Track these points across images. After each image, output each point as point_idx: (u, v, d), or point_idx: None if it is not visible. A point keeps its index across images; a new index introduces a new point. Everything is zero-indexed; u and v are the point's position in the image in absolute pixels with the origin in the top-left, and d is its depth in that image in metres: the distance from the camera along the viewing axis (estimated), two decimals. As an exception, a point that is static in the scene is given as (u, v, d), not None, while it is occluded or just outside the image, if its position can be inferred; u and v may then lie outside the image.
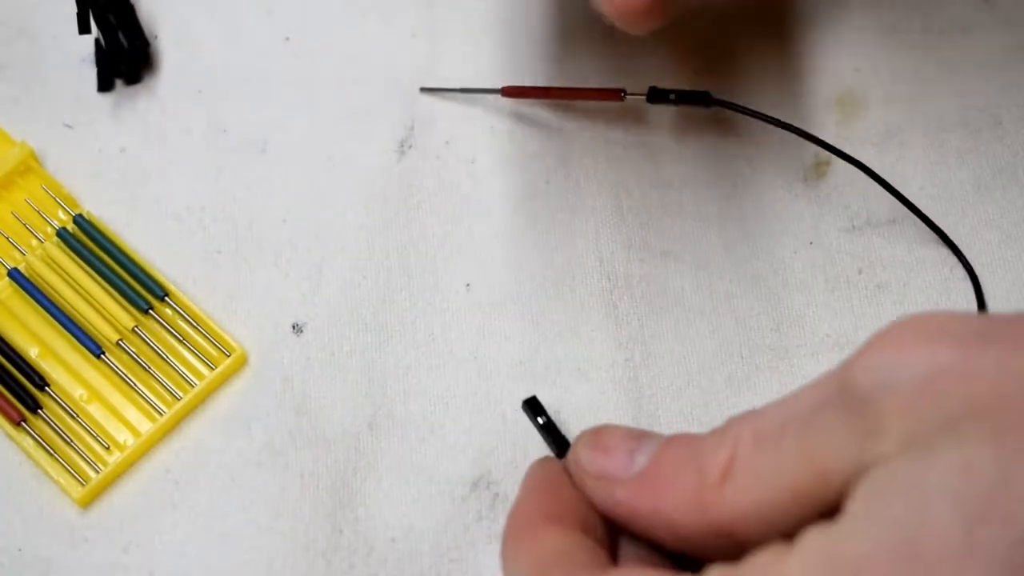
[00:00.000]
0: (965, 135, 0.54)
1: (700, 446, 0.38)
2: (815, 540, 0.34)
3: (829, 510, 0.35)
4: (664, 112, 0.56)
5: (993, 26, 0.57)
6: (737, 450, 0.37)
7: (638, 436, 0.41)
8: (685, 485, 0.38)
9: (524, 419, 0.50)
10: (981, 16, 0.57)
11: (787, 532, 0.36)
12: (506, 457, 0.49)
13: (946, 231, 0.52)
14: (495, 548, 0.48)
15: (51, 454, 0.50)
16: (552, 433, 0.47)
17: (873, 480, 0.33)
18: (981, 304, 0.50)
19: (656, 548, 0.41)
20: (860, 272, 0.52)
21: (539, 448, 0.49)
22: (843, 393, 0.35)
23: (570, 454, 0.42)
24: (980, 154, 0.53)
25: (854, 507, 0.33)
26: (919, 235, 0.52)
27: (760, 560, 0.35)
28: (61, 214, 0.54)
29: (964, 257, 0.51)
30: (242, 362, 0.52)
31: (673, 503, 0.38)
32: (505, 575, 0.40)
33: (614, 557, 0.41)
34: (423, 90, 0.56)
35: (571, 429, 0.49)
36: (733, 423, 0.38)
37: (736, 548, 0.37)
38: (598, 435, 0.42)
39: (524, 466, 0.49)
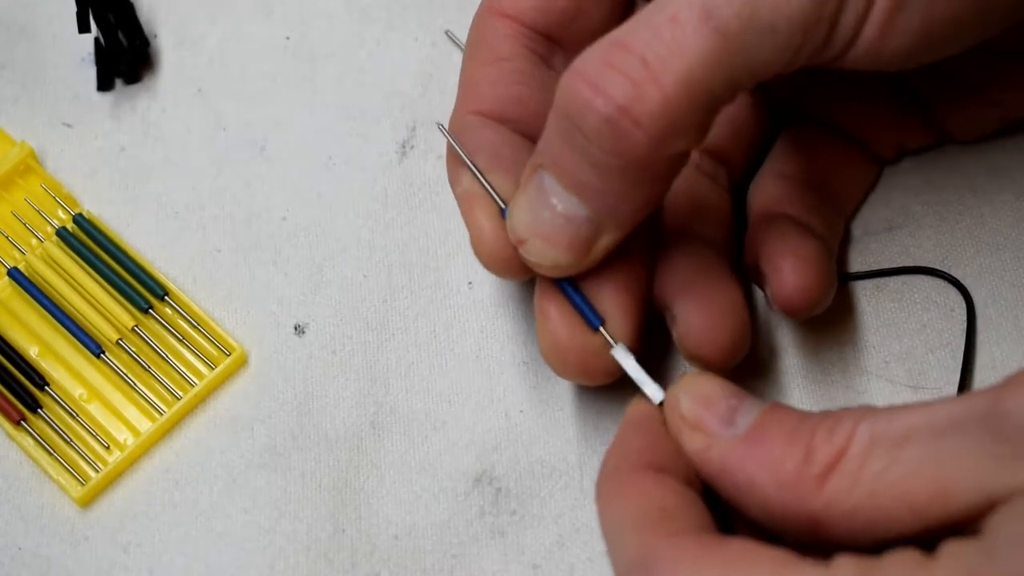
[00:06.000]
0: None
1: (809, 429, 0.37)
2: (959, 555, 0.33)
3: (941, 530, 0.35)
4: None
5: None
6: (850, 447, 0.36)
7: (740, 395, 0.40)
8: (787, 465, 0.37)
9: (527, 417, 0.50)
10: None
11: (879, 543, 0.35)
12: (508, 453, 0.49)
13: (940, 238, 0.52)
14: (498, 543, 0.48)
15: (51, 453, 0.50)
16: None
17: (1021, 504, 0.33)
18: (971, 314, 0.50)
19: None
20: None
21: (541, 446, 0.49)
22: (989, 419, 0.34)
23: (668, 397, 0.41)
24: (976, 159, 0.54)
25: (1003, 528, 0.33)
26: (915, 242, 0.52)
27: (900, 564, 0.34)
28: (61, 213, 0.54)
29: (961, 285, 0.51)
30: (242, 361, 0.51)
31: (772, 479, 0.37)
32: (603, 523, 0.39)
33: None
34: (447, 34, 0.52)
35: (572, 428, 0.49)
36: (849, 415, 0.37)
37: (820, 543, 0.36)
38: (699, 383, 0.40)
39: (527, 463, 0.49)
